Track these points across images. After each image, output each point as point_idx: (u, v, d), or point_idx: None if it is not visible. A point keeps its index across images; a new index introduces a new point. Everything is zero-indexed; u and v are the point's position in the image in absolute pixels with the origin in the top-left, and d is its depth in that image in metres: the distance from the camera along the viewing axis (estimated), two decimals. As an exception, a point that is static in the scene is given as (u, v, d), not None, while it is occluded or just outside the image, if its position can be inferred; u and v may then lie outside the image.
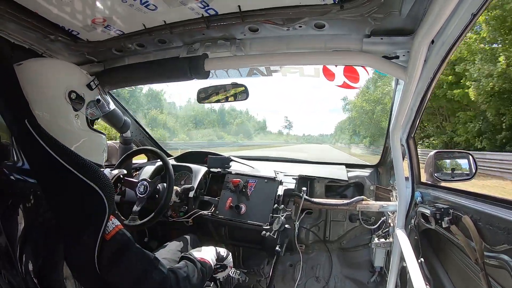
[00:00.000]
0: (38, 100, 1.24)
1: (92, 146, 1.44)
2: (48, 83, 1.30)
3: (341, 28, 1.53)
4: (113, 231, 1.19)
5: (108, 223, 1.18)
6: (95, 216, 1.15)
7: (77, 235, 1.14)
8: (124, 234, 1.23)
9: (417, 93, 1.74)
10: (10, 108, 1.17)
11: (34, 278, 1.18)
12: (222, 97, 2.09)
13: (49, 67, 1.36)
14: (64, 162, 1.13)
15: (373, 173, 3.13)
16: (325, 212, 3.14)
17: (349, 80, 2.11)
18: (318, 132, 79.73)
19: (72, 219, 1.15)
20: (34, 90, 1.24)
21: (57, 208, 1.16)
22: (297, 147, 45.70)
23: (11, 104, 1.17)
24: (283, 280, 3.10)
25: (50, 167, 1.15)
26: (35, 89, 1.25)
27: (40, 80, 1.28)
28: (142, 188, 2.29)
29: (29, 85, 1.22)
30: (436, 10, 1.10)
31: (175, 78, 1.82)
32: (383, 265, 2.80)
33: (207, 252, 1.75)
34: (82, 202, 1.16)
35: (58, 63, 1.45)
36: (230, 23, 1.57)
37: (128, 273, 1.21)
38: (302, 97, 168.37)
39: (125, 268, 1.20)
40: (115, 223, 1.21)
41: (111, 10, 1.52)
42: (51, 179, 1.16)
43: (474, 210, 1.47)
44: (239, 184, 2.55)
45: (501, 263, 1.23)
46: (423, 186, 2.18)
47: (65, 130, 1.31)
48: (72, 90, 1.34)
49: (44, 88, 1.28)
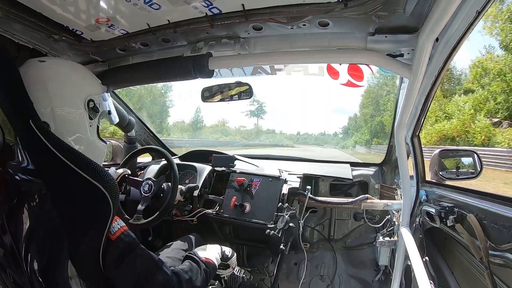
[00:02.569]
0: (58, 100, 1.27)
1: (96, 154, 1.46)
2: (72, 87, 1.35)
3: (345, 26, 1.52)
4: (118, 232, 1.20)
5: (114, 224, 1.19)
6: (99, 215, 1.16)
7: (82, 234, 1.15)
8: (129, 235, 1.24)
9: (422, 91, 1.74)
10: (15, 108, 1.18)
11: (39, 277, 1.18)
12: (226, 96, 2.09)
13: (74, 70, 1.40)
14: (69, 161, 1.13)
15: (378, 172, 3.13)
16: (329, 211, 3.15)
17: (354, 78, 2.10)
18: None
19: (77, 218, 1.16)
20: (57, 90, 1.28)
21: (62, 207, 1.16)
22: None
23: (16, 104, 1.17)
24: (287, 278, 3.10)
25: (55, 166, 1.15)
26: (58, 89, 1.28)
27: (62, 81, 1.31)
28: (147, 187, 2.30)
29: (49, 83, 1.26)
30: (441, 8, 1.09)
31: (179, 77, 1.82)
32: (388, 263, 2.80)
33: (212, 251, 1.76)
34: (86, 201, 1.17)
35: (81, 68, 1.48)
36: (234, 21, 1.56)
37: (131, 274, 1.22)
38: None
39: (129, 269, 1.21)
40: (120, 224, 1.22)
41: (115, 9, 1.52)
42: (55, 179, 1.17)
43: (479, 209, 1.46)
44: (243, 183, 2.55)
45: (506, 262, 1.22)
46: (428, 184, 2.18)
47: (76, 135, 1.34)
48: (91, 99, 1.38)
49: (68, 90, 1.32)
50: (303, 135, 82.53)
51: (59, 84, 1.30)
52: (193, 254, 1.64)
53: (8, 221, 1.24)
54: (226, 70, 2.16)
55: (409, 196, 2.20)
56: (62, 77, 1.32)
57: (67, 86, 1.32)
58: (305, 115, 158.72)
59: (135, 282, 1.22)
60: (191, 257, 1.61)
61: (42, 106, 1.22)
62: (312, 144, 67.96)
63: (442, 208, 1.72)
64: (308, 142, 73.51)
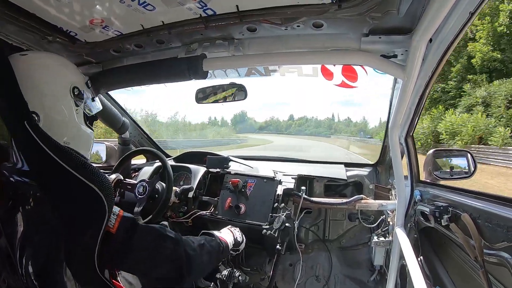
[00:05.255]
0: (45, 89, 1.30)
1: (84, 140, 1.47)
2: (56, 75, 1.36)
3: (339, 27, 1.52)
4: (116, 222, 1.21)
5: (111, 217, 1.20)
6: (95, 217, 1.15)
7: (78, 236, 1.14)
8: (127, 219, 1.26)
9: (416, 92, 1.75)
10: (9, 109, 1.17)
11: (34, 280, 1.17)
12: (221, 97, 2.09)
13: (56, 60, 1.41)
14: (63, 163, 1.13)
15: (372, 172, 3.14)
16: (324, 212, 3.15)
17: (348, 79, 2.12)
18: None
19: (72, 220, 1.15)
20: (43, 79, 1.30)
21: (57, 209, 1.16)
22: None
23: (10, 105, 1.16)
24: (283, 279, 3.10)
25: (49, 168, 1.14)
26: (44, 78, 1.30)
27: (48, 70, 1.34)
28: (141, 189, 2.29)
29: (36, 73, 1.28)
30: (434, 9, 1.10)
31: (174, 79, 1.82)
32: (383, 263, 2.81)
33: (226, 234, 1.85)
34: (81, 203, 1.16)
35: (62, 58, 1.48)
36: (228, 23, 1.56)
37: (142, 253, 1.28)
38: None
39: (138, 249, 1.27)
40: (115, 213, 1.23)
41: (109, 10, 1.52)
42: (50, 181, 1.16)
43: (473, 208, 1.47)
44: (238, 184, 2.54)
45: (501, 261, 1.23)
46: (422, 184, 2.19)
47: (63, 122, 1.35)
48: (76, 86, 1.40)
49: (53, 79, 1.34)
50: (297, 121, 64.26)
51: (45, 74, 1.32)
52: (209, 232, 1.74)
53: (3, 223, 1.23)
54: (221, 72, 2.16)
55: (404, 196, 2.21)
56: (46, 67, 1.34)
57: (52, 75, 1.34)
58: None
59: (147, 257, 1.29)
60: (207, 233, 1.72)
61: (30, 96, 1.22)
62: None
63: (437, 208, 1.74)
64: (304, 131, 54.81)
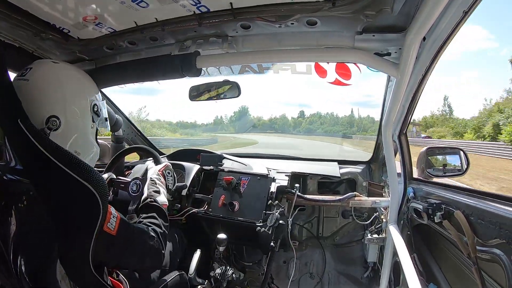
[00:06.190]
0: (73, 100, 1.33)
1: (92, 155, 1.49)
2: (84, 88, 1.41)
3: (333, 25, 1.53)
4: (116, 224, 1.23)
5: (110, 219, 1.20)
6: (89, 215, 1.14)
7: (72, 235, 1.14)
8: (124, 222, 1.29)
9: (409, 90, 1.76)
10: (3, 108, 1.16)
11: (28, 279, 1.16)
12: (214, 95, 2.08)
13: (84, 76, 1.45)
14: (57, 161, 1.12)
15: (366, 169, 3.15)
16: (318, 209, 3.15)
17: (341, 77, 2.11)
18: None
19: (66, 218, 1.14)
20: (70, 89, 1.34)
21: (51, 207, 1.15)
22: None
23: (3, 103, 1.15)
24: (277, 276, 3.10)
25: (43, 166, 1.13)
26: (71, 88, 1.34)
27: (77, 82, 1.39)
28: (135, 186, 2.28)
29: (65, 81, 1.33)
30: (428, 7, 1.11)
31: (167, 76, 1.81)
32: (377, 260, 2.83)
33: (161, 197, 1.85)
34: (76, 201, 1.15)
35: (88, 76, 1.50)
36: (222, 20, 1.56)
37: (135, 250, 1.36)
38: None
39: (134, 248, 1.35)
40: (115, 216, 1.24)
41: (103, 7, 1.51)
42: (44, 179, 1.15)
43: (466, 205, 1.48)
44: (232, 181, 2.54)
45: (493, 257, 1.24)
46: (415, 182, 2.20)
47: (79, 132, 1.38)
48: (96, 104, 1.43)
49: (80, 91, 1.39)
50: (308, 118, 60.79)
51: (74, 84, 1.36)
52: (155, 202, 1.75)
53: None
54: (214, 69, 2.15)
55: (397, 193, 2.22)
56: (77, 79, 1.39)
57: (81, 88, 1.38)
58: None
59: (139, 255, 1.38)
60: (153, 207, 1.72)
61: (54, 100, 1.27)
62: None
63: (430, 205, 1.74)
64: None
